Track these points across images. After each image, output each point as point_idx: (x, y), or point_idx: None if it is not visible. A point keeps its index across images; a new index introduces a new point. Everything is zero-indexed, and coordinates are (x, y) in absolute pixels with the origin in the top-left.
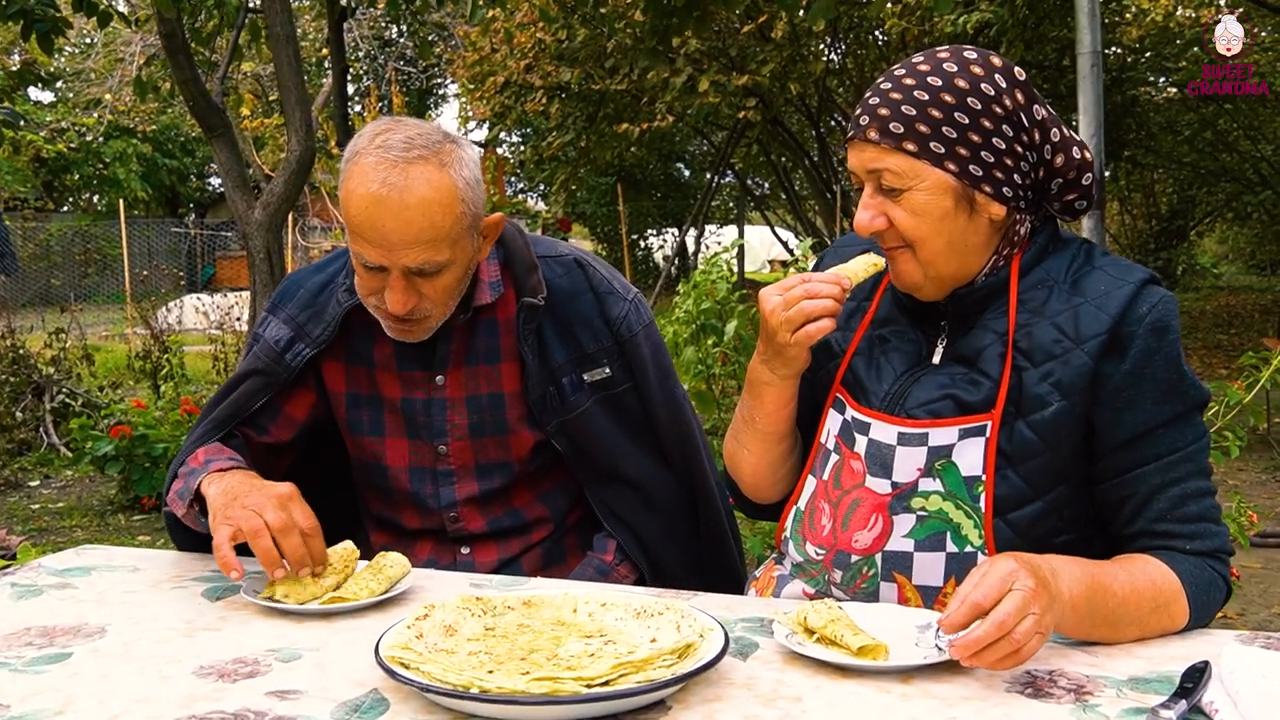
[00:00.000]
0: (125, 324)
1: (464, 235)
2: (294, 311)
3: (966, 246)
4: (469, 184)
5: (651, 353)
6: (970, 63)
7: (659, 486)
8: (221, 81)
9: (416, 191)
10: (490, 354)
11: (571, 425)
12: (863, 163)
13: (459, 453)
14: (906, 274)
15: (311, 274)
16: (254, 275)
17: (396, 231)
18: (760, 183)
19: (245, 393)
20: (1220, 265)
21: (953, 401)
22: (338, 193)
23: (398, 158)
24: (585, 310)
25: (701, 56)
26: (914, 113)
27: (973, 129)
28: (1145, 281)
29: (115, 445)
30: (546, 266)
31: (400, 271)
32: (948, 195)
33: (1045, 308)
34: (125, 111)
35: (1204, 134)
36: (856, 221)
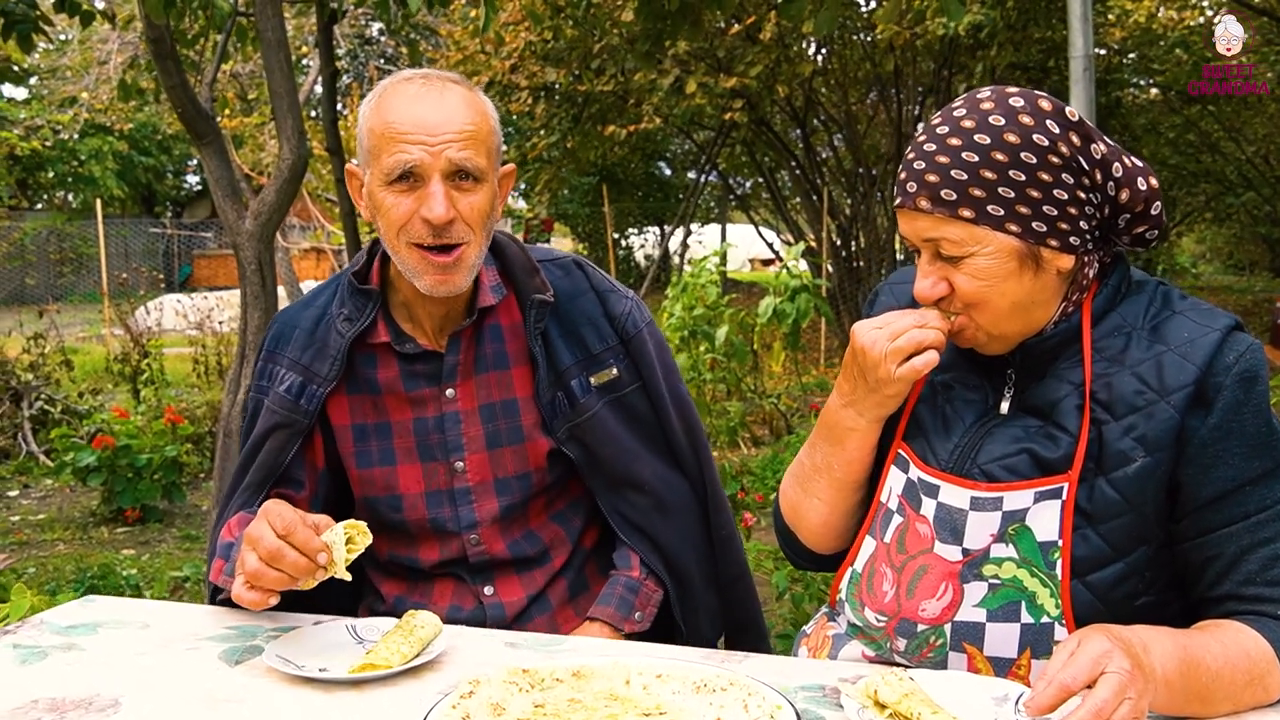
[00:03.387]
0: (102, 324)
1: (495, 154)
2: (296, 354)
3: (1033, 303)
4: (495, 116)
5: (656, 350)
6: (1018, 111)
7: (672, 490)
8: (210, 87)
9: (453, 93)
10: (499, 359)
11: (582, 430)
12: (917, 231)
13: (476, 467)
14: (970, 336)
15: (301, 311)
16: (244, 286)
17: (441, 121)
18: (741, 182)
19: (272, 450)
20: (1199, 265)
21: (1029, 457)
22: (363, 128)
23: (429, 74)
24: (589, 309)
25: (689, 58)
26: (965, 177)
27: (1031, 184)
28: (1231, 328)
29: (98, 456)
30: (546, 269)
31: (441, 174)
32: (1012, 257)
33: (1124, 356)
34: (103, 110)
35: (1187, 135)
36: (917, 290)
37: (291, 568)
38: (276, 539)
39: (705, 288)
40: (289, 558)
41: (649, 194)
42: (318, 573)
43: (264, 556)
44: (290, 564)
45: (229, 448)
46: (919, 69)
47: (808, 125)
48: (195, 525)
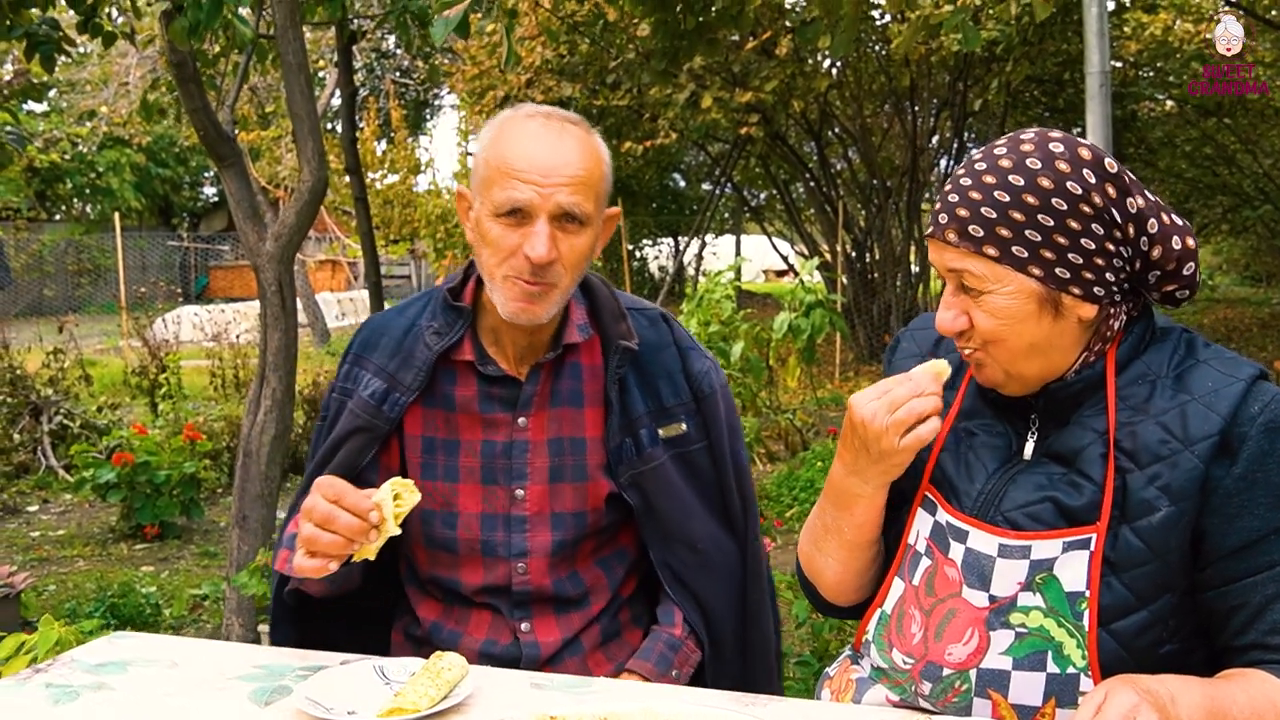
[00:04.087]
0: (120, 336)
1: (602, 199)
2: (383, 361)
3: (1051, 347)
4: (608, 157)
5: (726, 412)
6: (1056, 157)
7: (721, 551)
8: (231, 109)
9: (574, 135)
10: (574, 397)
11: (645, 478)
12: (943, 262)
13: (536, 498)
14: (988, 373)
15: (393, 318)
16: (264, 308)
17: (556, 166)
18: (756, 194)
19: (350, 452)
20: (1215, 276)
21: (1053, 505)
22: (480, 157)
23: (551, 113)
24: (669, 363)
25: (704, 72)
26: (995, 215)
27: (1058, 231)
28: (1256, 378)
29: (117, 473)
30: (633, 318)
31: (548, 215)
32: (1031, 299)
33: (1149, 405)
34: (121, 124)
35: (1204, 148)
36: (938, 321)
37: (345, 529)
38: (328, 504)
39: (720, 302)
40: (342, 520)
41: (663, 205)
42: (371, 534)
43: (318, 522)
44: (344, 526)
45: (249, 467)
46: (934, 81)
47: (822, 138)
48: (213, 542)
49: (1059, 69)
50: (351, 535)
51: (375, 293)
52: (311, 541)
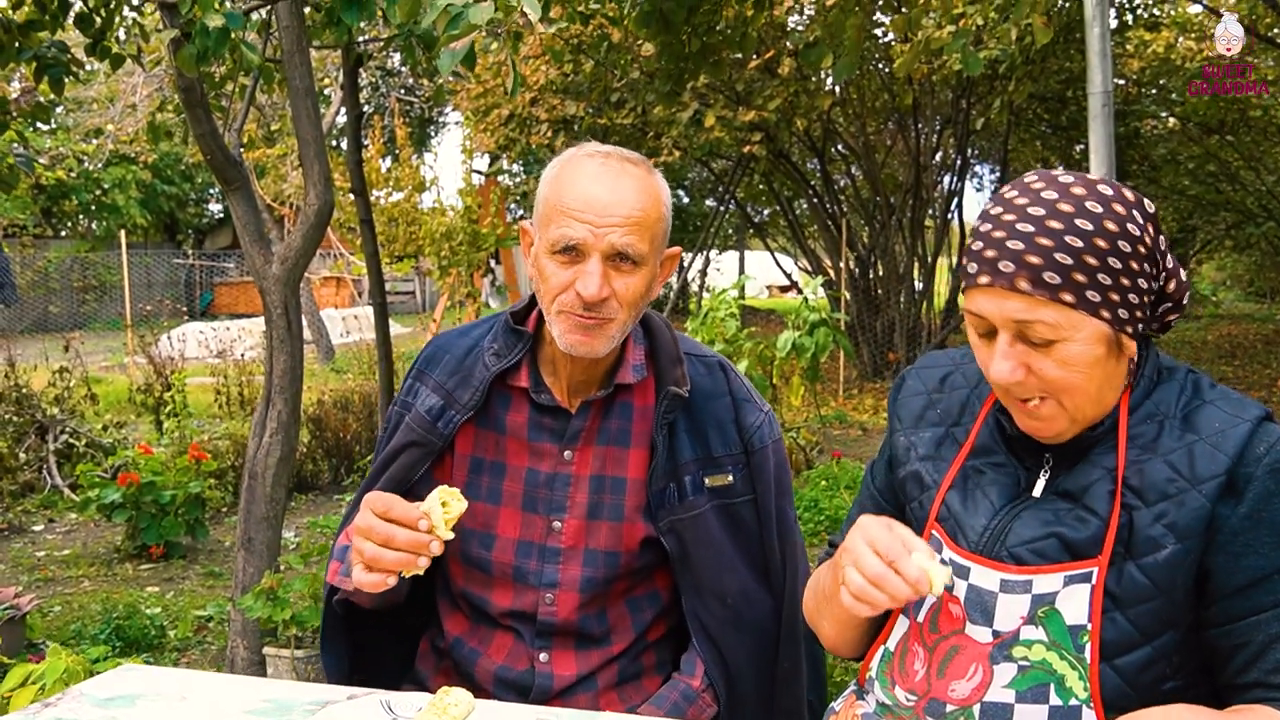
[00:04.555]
0: (125, 353)
1: (660, 240)
2: (443, 378)
3: (1110, 388)
4: (668, 198)
5: (776, 469)
6: (1111, 200)
7: (753, 607)
8: (238, 134)
9: (633, 176)
10: (621, 437)
11: (684, 525)
12: (1007, 313)
13: (572, 532)
14: (1048, 423)
15: (457, 338)
16: (270, 330)
17: (612, 206)
18: (759, 210)
19: (404, 465)
20: (1219, 292)
21: (1058, 540)
22: (540, 196)
23: (612, 153)
24: (721, 413)
25: (708, 91)
26: (1070, 260)
27: (1124, 273)
28: (1261, 418)
29: (122, 493)
30: (690, 363)
31: (602, 254)
32: (1101, 343)
33: (1157, 444)
34: (128, 141)
35: (1206, 166)
36: (997, 374)
37: (406, 544)
38: (385, 523)
39: (724, 321)
40: (401, 537)
41: None
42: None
43: (380, 542)
44: (404, 542)
45: (254, 489)
46: (938, 99)
47: (826, 155)
48: (218, 561)
49: (1061, 87)
50: (411, 549)
51: (381, 314)
52: (375, 560)
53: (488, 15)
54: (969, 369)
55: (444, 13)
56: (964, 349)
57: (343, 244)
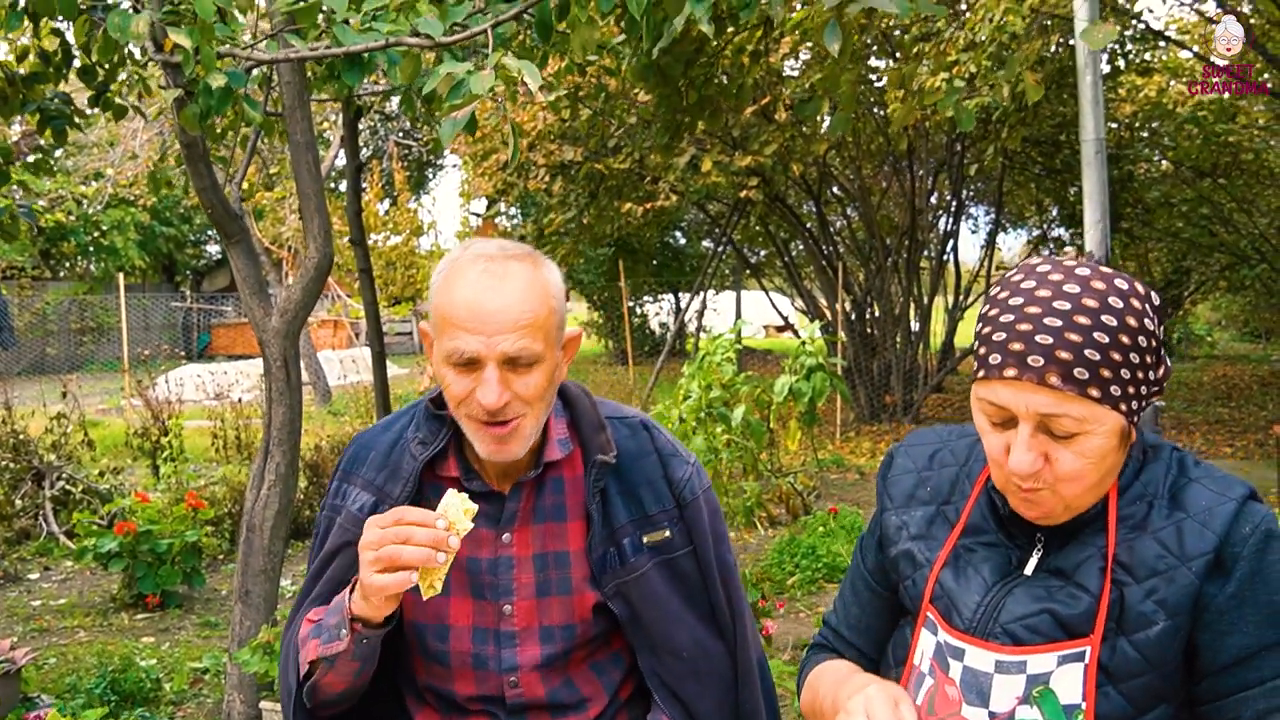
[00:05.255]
0: (122, 395)
1: (554, 333)
2: (371, 475)
3: (1109, 477)
4: (558, 287)
5: (710, 517)
6: (1129, 294)
7: (709, 656)
8: (239, 187)
9: (517, 278)
10: (557, 512)
11: (629, 587)
12: (1032, 406)
13: (524, 613)
14: (1047, 507)
15: (380, 434)
16: (269, 382)
17: (497, 314)
18: (756, 251)
19: (341, 567)
20: (1214, 332)
21: (1051, 616)
22: (430, 303)
23: (495, 253)
24: (650, 471)
25: (705, 136)
26: (1099, 357)
27: (1140, 367)
28: (1246, 497)
29: (119, 542)
30: (613, 427)
31: (496, 361)
32: (1116, 435)
33: (1146, 523)
34: (127, 185)
35: (1199, 208)
36: (1018, 465)
37: (425, 539)
38: (398, 527)
39: (721, 365)
40: (419, 533)
41: (664, 262)
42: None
43: (397, 539)
44: (423, 537)
45: (252, 541)
46: (932, 142)
47: (821, 198)
48: (214, 611)
49: (1055, 130)
50: (431, 544)
51: (379, 361)
52: (394, 557)
53: (488, 84)
54: (956, 446)
55: (446, 79)
56: (951, 426)
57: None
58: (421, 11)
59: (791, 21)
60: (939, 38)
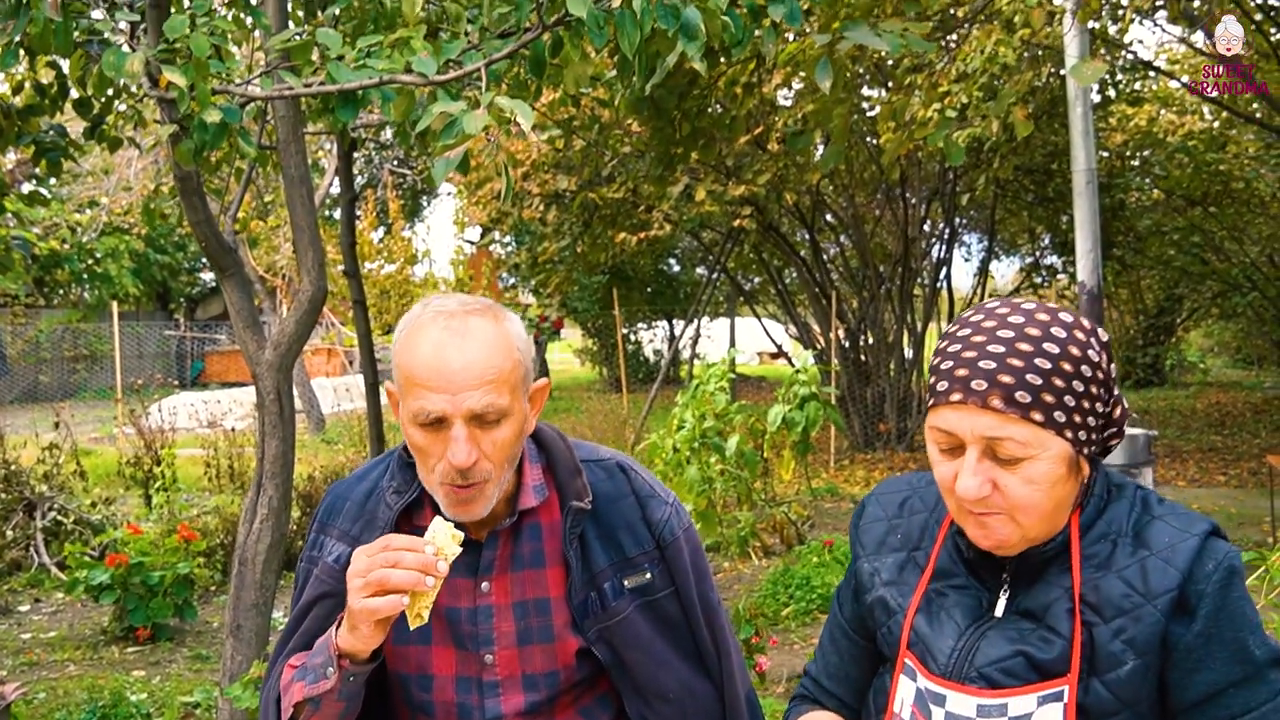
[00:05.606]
0: (115, 424)
1: (520, 385)
2: (346, 526)
3: (1062, 508)
4: (522, 339)
5: (691, 555)
6: (1072, 326)
7: (696, 698)
8: (233, 219)
9: (479, 335)
10: (535, 558)
11: (612, 632)
12: (977, 430)
13: (506, 662)
14: (1002, 534)
15: (354, 484)
16: (263, 416)
17: (462, 372)
18: (750, 278)
19: (318, 618)
20: (1207, 359)
21: (1025, 659)
22: (393, 363)
23: (455, 310)
24: (628, 514)
25: (698, 165)
26: (1040, 381)
27: (1085, 396)
28: (1208, 534)
29: (110, 575)
30: (589, 470)
31: (463, 419)
32: (1063, 463)
33: (1111, 561)
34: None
35: (1191, 237)
36: (964, 489)
37: (414, 564)
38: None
39: (714, 395)
40: (409, 556)
41: (659, 289)
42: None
43: (387, 564)
44: (413, 561)
45: (244, 575)
46: (925, 171)
47: (815, 226)
48: (205, 643)
49: (1046, 159)
50: (420, 568)
51: (373, 393)
52: (383, 581)
53: (482, 124)
54: (926, 493)
55: (440, 117)
56: (921, 474)
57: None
58: (416, 49)
59: (784, 55)
60: (931, 68)
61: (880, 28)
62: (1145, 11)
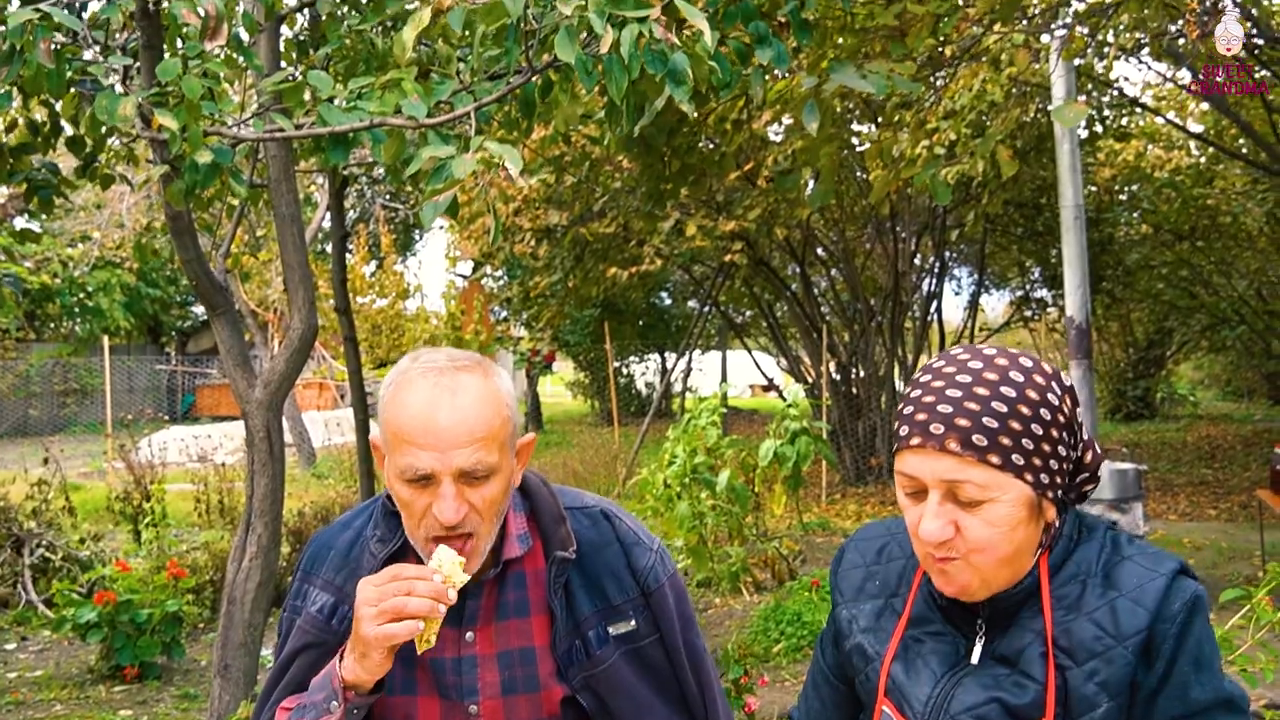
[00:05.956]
0: (105, 459)
1: (508, 442)
2: (330, 575)
3: (1024, 553)
4: (509, 395)
5: (676, 602)
6: (1032, 371)
7: None
8: (224, 258)
9: (468, 392)
10: (520, 607)
11: (597, 680)
12: (936, 473)
13: (491, 712)
14: (962, 580)
15: (338, 533)
16: (252, 454)
17: (451, 430)
18: (741, 312)
19: (301, 668)
20: (1197, 391)
21: (1000, 705)
22: (380, 417)
23: (445, 366)
24: (613, 561)
25: (689, 200)
26: (996, 425)
27: (1045, 439)
28: (1176, 572)
29: (98, 613)
30: (573, 518)
31: (452, 476)
32: (1024, 506)
33: (1081, 603)
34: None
35: (1179, 271)
36: (926, 531)
37: (428, 592)
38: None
39: (706, 430)
40: (421, 587)
41: (650, 323)
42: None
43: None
44: (425, 589)
45: (233, 614)
46: (915, 205)
47: (805, 260)
48: (193, 682)
49: (1036, 194)
50: (433, 596)
51: (362, 430)
52: (400, 609)
53: (470, 169)
54: (903, 539)
55: (429, 160)
56: (899, 519)
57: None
58: (408, 90)
59: (772, 92)
60: (920, 105)
61: (866, 69)
62: (1130, 50)
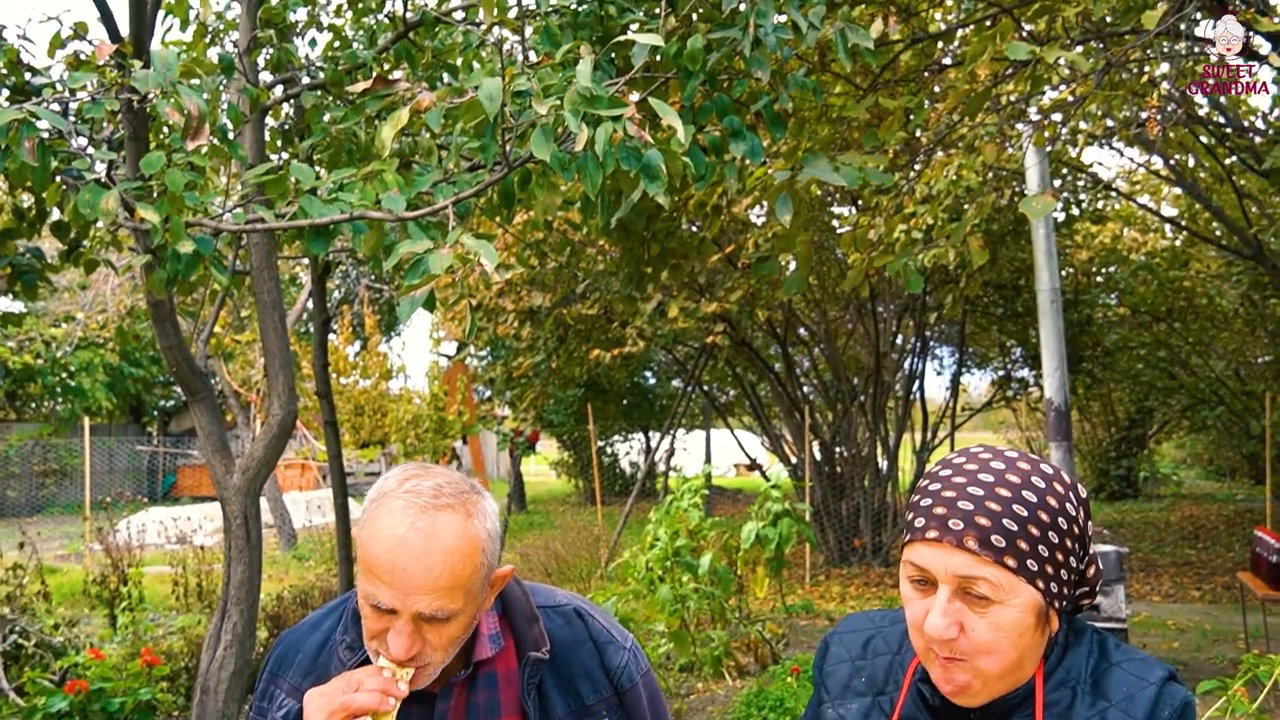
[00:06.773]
0: (83, 541)
1: (478, 587)
2: (297, 680)
3: (1027, 660)
4: (490, 536)
5: (650, 701)
6: (1052, 479)
7: None
8: (205, 344)
9: (443, 539)
10: (491, 708)
11: None
12: (950, 568)
13: None
14: (959, 682)
15: (307, 634)
16: (229, 540)
17: (417, 576)
18: (725, 391)
19: None
20: (1180, 470)
21: None
22: (356, 532)
23: (427, 503)
24: (586, 661)
25: (670, 283)
26: (1015, 528)
27: (1059, 548)
28: (1165, 680)
29: (70, 702)
30: (546, 617)
31: (410, 616)
32: (1032, 612)
33: (1071, 713)
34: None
35: (1158, 352)
36: (932, 627)
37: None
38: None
39: (688, 512)
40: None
41: (634, 403)
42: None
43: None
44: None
45: (205, 705)
46: (895, 286)
47: (787, 340)
48: None
49: (1015, 275)
50: (381, 690)
51: (342, 514)
52: (348, 705)
53: (446, 264)
54: (890, 633)
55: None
56: (883, 611)
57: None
58: (389, 182)
59: (750, 180)
60: (896, 190)
61: (839, 160)
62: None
